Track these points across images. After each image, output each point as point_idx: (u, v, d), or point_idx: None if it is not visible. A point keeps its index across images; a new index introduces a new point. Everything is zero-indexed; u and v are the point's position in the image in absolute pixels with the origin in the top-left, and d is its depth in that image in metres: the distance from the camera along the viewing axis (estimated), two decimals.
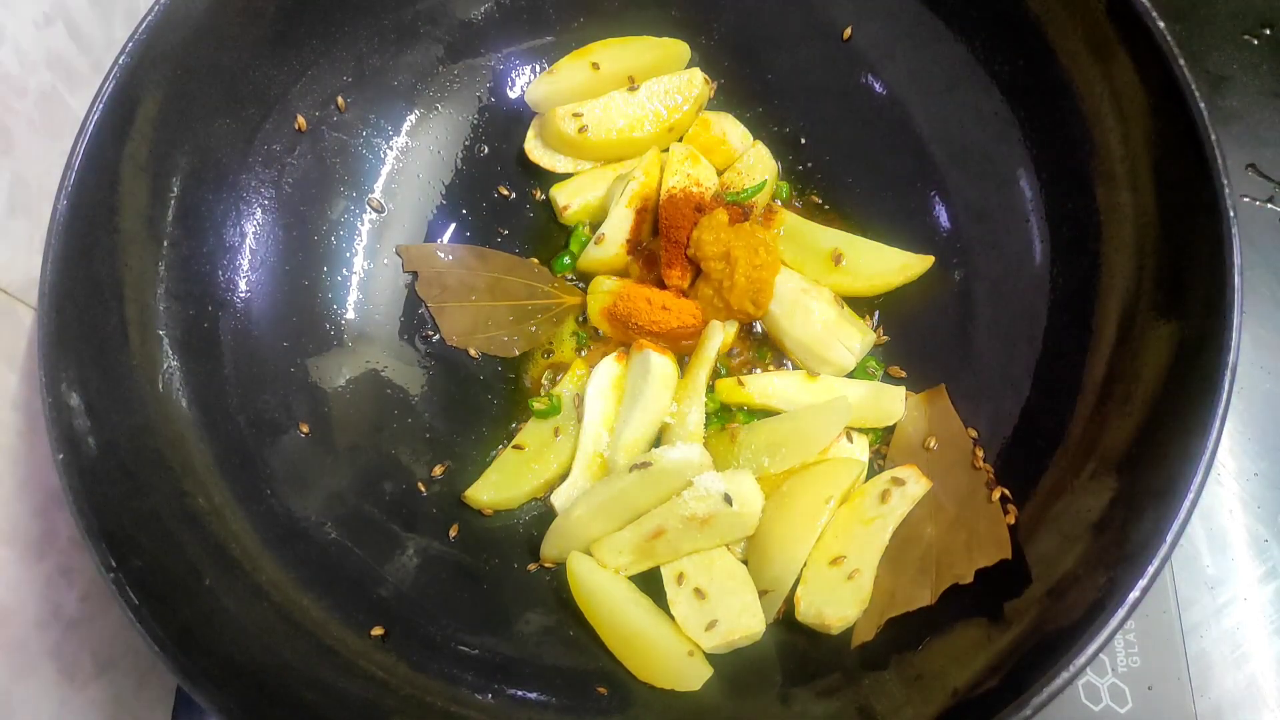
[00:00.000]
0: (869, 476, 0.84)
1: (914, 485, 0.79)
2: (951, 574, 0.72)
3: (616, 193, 0.94)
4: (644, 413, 0.84)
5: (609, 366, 0.89)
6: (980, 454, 0.80)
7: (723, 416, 0.89)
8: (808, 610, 0.76)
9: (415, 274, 0.95)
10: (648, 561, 0.81)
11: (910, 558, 0.77)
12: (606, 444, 0.87)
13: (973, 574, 0.71)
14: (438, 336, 0.94)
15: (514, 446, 0.89)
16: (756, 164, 0.97)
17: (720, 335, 0.87)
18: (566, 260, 0.97)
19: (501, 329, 0.95)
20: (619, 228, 0.93)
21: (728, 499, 0.77)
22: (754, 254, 0.86)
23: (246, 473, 0.80)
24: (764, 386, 0.87)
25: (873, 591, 0.76)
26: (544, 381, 0.95)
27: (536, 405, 0.90)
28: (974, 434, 0.82)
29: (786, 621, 0.80)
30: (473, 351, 0.94)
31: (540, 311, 0.96)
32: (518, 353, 0.95)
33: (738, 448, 0.83)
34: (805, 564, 0.78)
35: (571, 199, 0.97)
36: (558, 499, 0.86)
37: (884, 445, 0.87)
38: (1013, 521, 0.74)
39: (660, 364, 0.85)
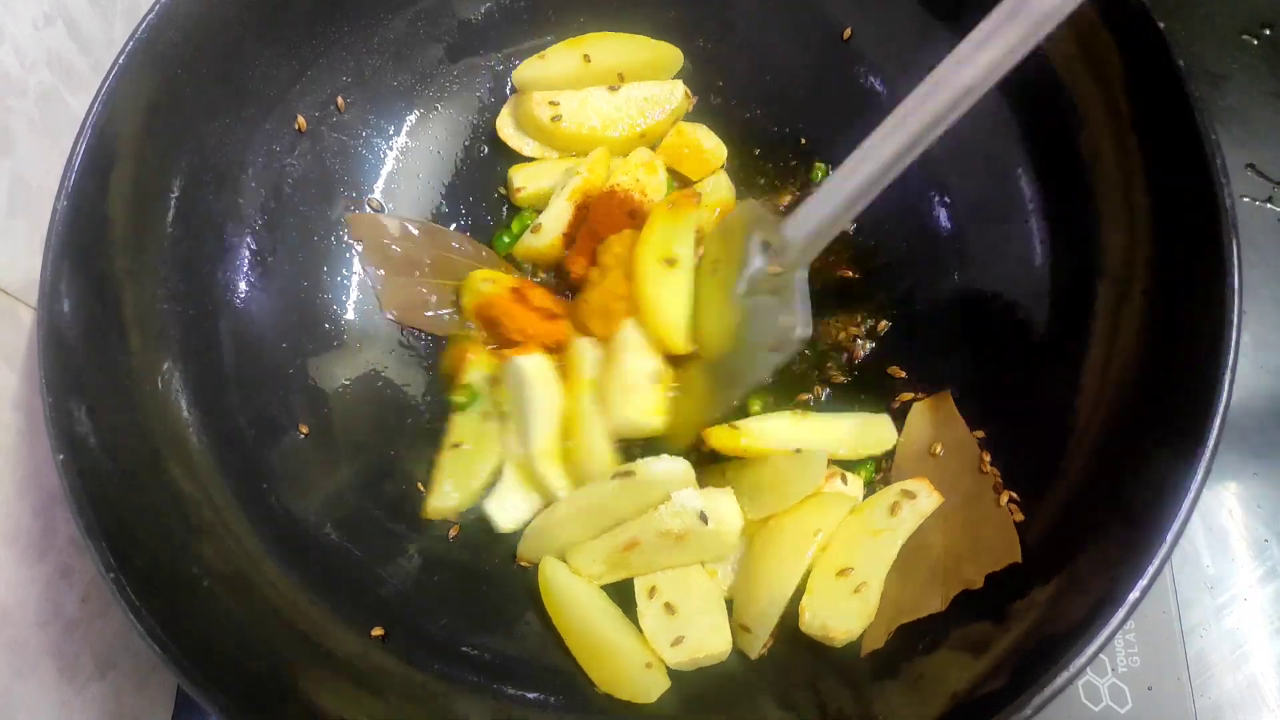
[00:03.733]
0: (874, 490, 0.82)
1: (925, 500, 0.77)
2: (961, 579, 0.72)
3: (560, 185, 0.94)
4: (540, 415, 0.83)
5: (519, 366, 0.86)
6: (987, 457, 0.80)
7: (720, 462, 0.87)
8: (812, 621, 0.75)
9: (362, 242, 0.94)
10: (621, 572, 0.80)
11: (919, 565, 0.76)
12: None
13: (983, 579, 0.70)
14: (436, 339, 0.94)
15: (452, 446, 0.88)
16: (713, 191, 0.96)
17: (591, 354, 0.85)
18: (506, 240, 0.96)
19: (443, 307, 0.94)
20: (557, 219, 0.92)
21: (703, 517, 0.76)
22: (619, 283, 0.85)
23: (246, 473, 0.80)
24: (756, 430, 0.84)
25: (882, 599, 0.75)
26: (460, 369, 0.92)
27: (458, 399, 0.89)
28: (980, 435, 0.82)
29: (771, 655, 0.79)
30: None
31: None
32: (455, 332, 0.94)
33: (727, 485, 0.82)
34: (811, 574, 0.76)
35: (527, 182, 0.96)
36: (491, 506, 0.85)
37: (885, 474, 0.86)
38: (1021, 519, 0.74)
39: (530, 365, 0.84)
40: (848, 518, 0.79)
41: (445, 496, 0.86)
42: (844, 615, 0.74)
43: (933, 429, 0.84)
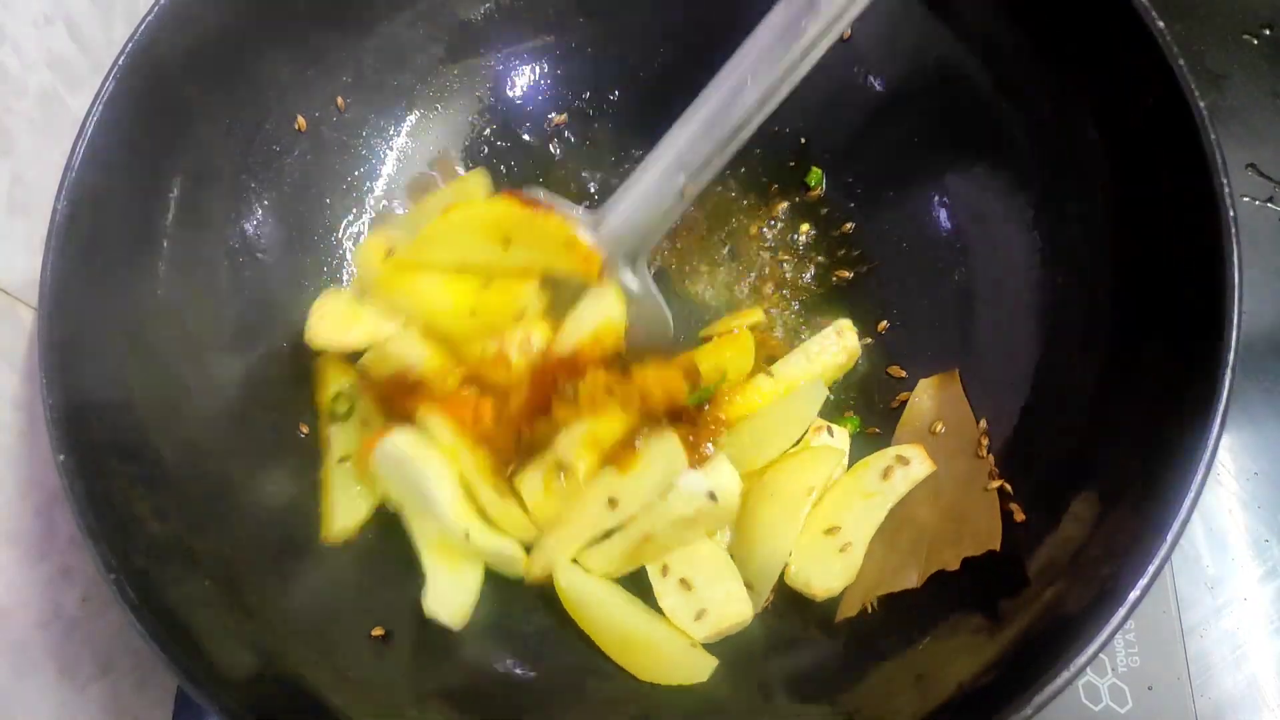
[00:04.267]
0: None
1: (918, 466, 0.79)
2: (940, 559, 0.73)
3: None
4: (437, 487, 0.76)
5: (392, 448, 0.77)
6: (985, 443, 0.80)
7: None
8: (796, 575, 0.77)
9: None
10: (635, 563, 0.80)
11: (903, 538, 0.78)
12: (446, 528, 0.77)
13: (959, 562, 0.72)
14: None
15: (338, 462, 0.81)
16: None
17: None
18: None
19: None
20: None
21: (712, 496, 0.77)
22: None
23: (247, 473, 0.80)
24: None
25: (863, 567, 0.77)
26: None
27: (338, 409, 0.83)
28: (983, 425, 0.82)
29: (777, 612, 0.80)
30: None
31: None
32: None
33: (722, 450, 0.82)
34: (800, 529, 0.78)
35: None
36: (432, 607, 0.76)
37: (868, 428, 0.88)
38: (1021, 519, 0.74)
39: (402, 441, 0.76)
40: (841, 479, 0.81)
41: (344, 517, 0.80)
42: (827, 572, 0.77)
43: (936, 407, 0.85)
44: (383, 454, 0.76)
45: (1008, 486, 0.77)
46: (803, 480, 0.79)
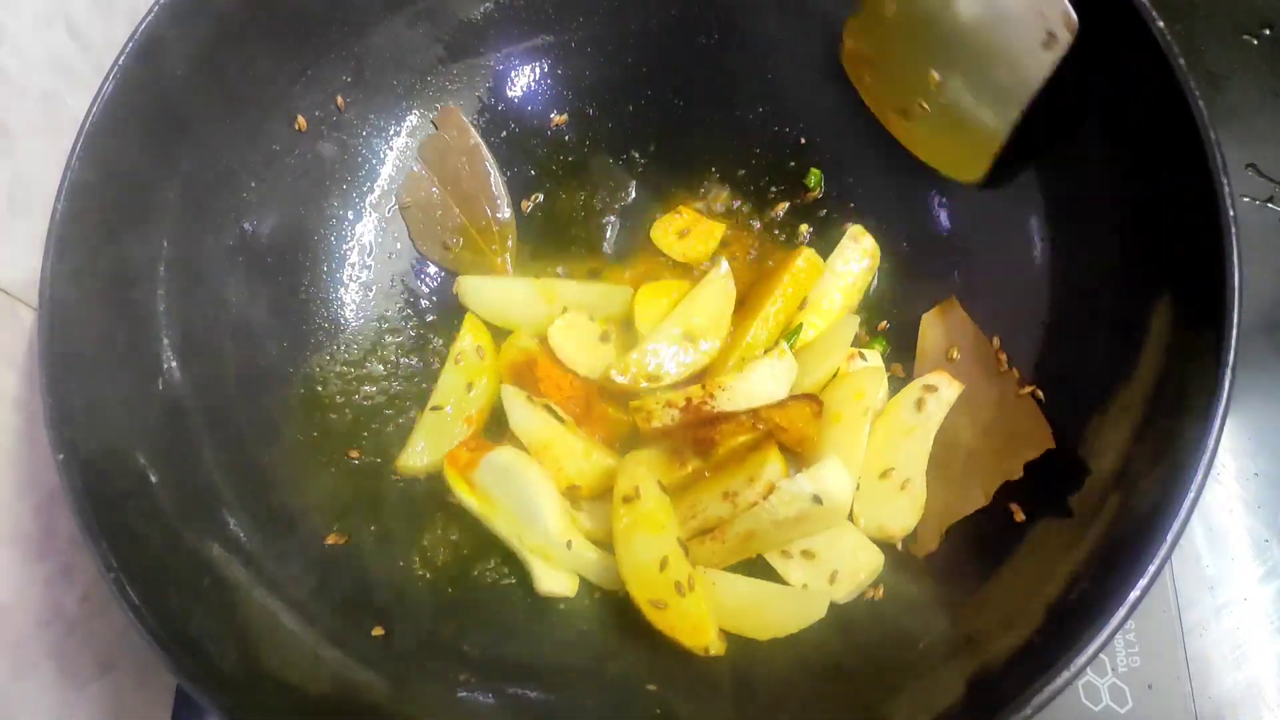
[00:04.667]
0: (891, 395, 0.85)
1: (946, 390, 0.80)
2: (1001, 471, 0.74)
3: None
4: (544, 503, 0.80)
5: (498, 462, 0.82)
6: (1004, 358, 0.82)
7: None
8: (869, 524, 0.78)
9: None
10: (740, 556, 0.79)
11: (955, 464, 0.79)
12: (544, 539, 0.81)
13: (1021, 469, 0.73)
14: (439, 342, 0.94)
15: (432, 409, 0.89)
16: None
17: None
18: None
19: (459, 248, 0.97)
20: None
21: (818, 499, 0.74)
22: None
23: (247, 473, 0.80)
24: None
25: (928, 504, 0.78)
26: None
27: (459, 361, 0.89)
28: (997, 341, 0.83)
29: None
30: None
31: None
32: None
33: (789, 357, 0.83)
34: (864, 451, 0.79)
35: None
36: (549, 587, 0.81)
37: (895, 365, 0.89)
38: (1021, 520, 0.74)
39: (510, 457, 0.81)
40: (877, 422, 0.81)
41: (417, 455, 0.87)
42: (897, 512, 0.78)
43: (945, 335, 0.86)
44: (489, 465, 0.81)
45: (1039, 392, 0.78)
46: (858, 403, 0.80)
